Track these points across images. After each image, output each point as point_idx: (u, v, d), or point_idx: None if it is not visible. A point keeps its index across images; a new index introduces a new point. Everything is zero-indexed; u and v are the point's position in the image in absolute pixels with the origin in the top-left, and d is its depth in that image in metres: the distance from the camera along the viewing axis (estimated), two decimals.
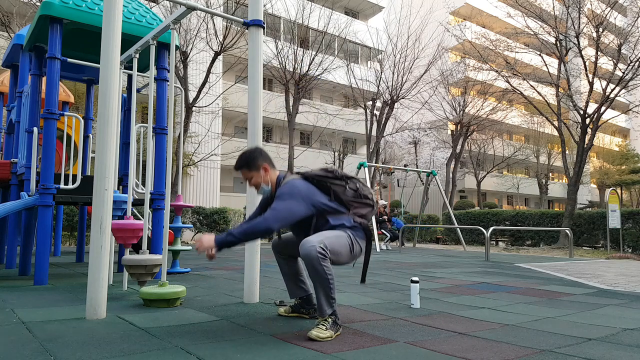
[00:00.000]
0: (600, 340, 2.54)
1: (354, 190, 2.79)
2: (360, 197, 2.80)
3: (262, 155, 2.83)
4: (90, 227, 2.91)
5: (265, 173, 2.80)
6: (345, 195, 2.75)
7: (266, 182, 2.81)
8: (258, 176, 2.80)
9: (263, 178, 2.80)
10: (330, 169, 2.81)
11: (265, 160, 2.81)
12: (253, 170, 2.80)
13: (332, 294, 2.51)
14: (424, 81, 21.36)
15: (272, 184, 2.82)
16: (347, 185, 2.78)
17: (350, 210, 2.75)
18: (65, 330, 2.51)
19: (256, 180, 2.80)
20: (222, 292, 4.04)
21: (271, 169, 2.83)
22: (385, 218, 12.71)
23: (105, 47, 2.96)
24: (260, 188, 2.82)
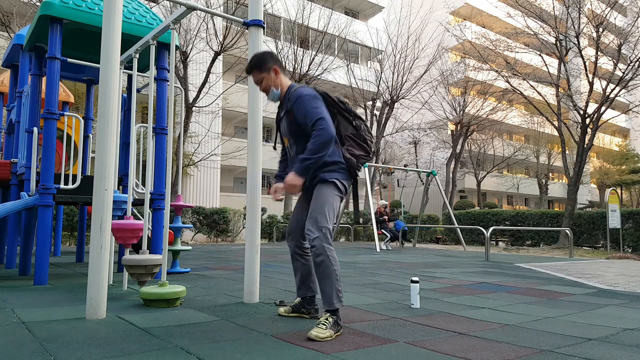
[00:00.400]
0: (600, 340, 2.54)
1: (355, 129, 2.78)
2: (359, 138, 2.79)
3: (273, 57, 2.81)
4: (90, 227, 2.91)
5: (276, 75, 2.78)
6: (345, 130, 2.76)
7: (276, 86, 2.79)
8: (269, 78, 2.78)
9: (273, 81, 2.78)
10: (342, 100, 2.81)
11: (277, 63, 2.79)
12: (264, 72, 2.77)
13: (338, 286, 2.55)
14: (424, 81, 21.38)
15: (283, 89, 2.80)
16: (353, 121, 2.78)
17: (344, 145, 2.75)
18: (65, 330, 2.51)
19: (267, 83, 2.79)
20: (222, 292, 4.04)
21: (282, 73, 2.81)
22: (386, 218, 12.70)
23: (105, 47, 2.96)
24: (270, 92, 2.80)
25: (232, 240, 15.34)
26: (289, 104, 2.74)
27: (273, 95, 2.80)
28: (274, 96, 2.81)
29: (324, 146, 2.54)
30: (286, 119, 2.79)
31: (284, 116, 2.82)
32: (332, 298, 2.53)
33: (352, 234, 17.30)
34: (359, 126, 2.79)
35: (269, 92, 2.80)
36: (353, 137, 2.77)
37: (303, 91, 2.67)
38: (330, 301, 2.53)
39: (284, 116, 2.82)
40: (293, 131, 2.77)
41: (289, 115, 2.76)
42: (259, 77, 2.78)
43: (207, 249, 10.51)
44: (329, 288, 2.53)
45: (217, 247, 11.99)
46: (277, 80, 2.78)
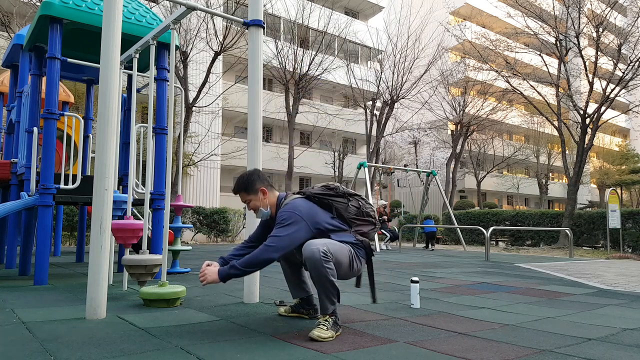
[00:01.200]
0: (600, 340, 2.54)
1: (356, 207, 2.78)
2: (363, 215, 2.79)
3: (260, 178, 2.81)
4: (90, 227, 2.91)
5: (264, 196, 2.79)
6: (347, 212, 2.75)
7: (264, 206, 2.79)
8: (256, 199, 2.78)
9: (261, 201, 2.79)
10: (332, 186, 2.80)
11: (263, 183, 2.79)
12: (251, 194, 2.78)
13: (333, 293, 2.52)
14: (424, 81, 21.37)
15: (272, 206, 2.81)
16: (349, 202, 2.77)
17: (352, 227, 2.75)
18: (65, 330, 2.51)
19: (254, 203, 2.79)
20: (222, 292, 4.04)
21: (270, 192, 2.81)
22: (385, 218, 12.71)
23: (105, 47, 2.96)
24: (258, 211, 2.81)
25: (232, 240, 15.34)
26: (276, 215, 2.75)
27: (262, 215, 2.82)
28: (263, 215, 2.82)
29: (261, 263, 2.53)
30: None
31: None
32: (325, 305, 2.51)
33: None
34: (358, 205, 2.80)
35: (258, 211, 2.82)
36: (357, 217, 2.77)
37: (285, 209, 2.65)
38: (325, 308, 2.52)
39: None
40: None
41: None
42: (247, 198, 2.80)
43: (207, 249, 10.51)
44: (322, 296, 2.52)
45: (217, 247, 11.99)
46: (265, 200, 2.79)
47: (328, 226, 2.67)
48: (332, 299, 2.51)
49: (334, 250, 2.52)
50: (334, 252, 2.52)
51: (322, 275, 2.46)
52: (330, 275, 2.47)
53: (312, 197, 2.74)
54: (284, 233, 2.55)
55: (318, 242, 2.50)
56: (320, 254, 2.44)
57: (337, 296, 2.54)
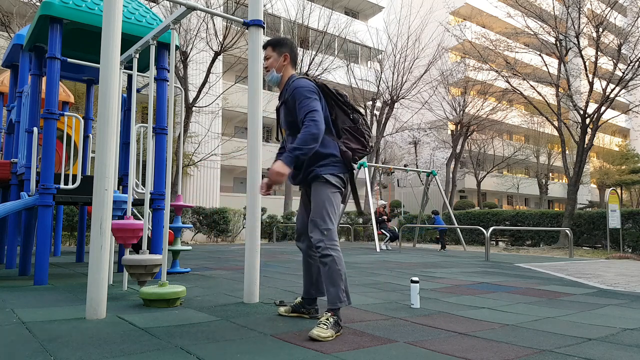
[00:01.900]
0: (600, 340, 2.54)
1: (353, 122, 2.79)
2: (357, 132, 2.79)
3: (291, 47, 2.89)
4: (90, 227, 2.91)
5: (284, 60, 2.84)
6: (343, 122, 2.77)
7: (279, 69, 2.85)
8: (276, 60, 2.85)
9: (279, 64, 2.84)
10: (342, 93, 2.82)
11: (291, 52, 2.87)
12: (275, 52, 2.85)
13: (343, 286, 2.57)
14: (424, 81, 21.36)
15: (284, 77, 2.85)
16: (351, 114, 2.79)
17: (340, 137, 2.76)
18: (65, 330, 2.51)
19: (272, 63, 2.85)
20: (222, 292, 4.04)
21: (290, 63, 2.87)
22: (385, 218, 12.71)
23: (105, 47, 2.96)
24: (270, 72, 2.86)
25: (232, 240, 15.34)
26: (287, 94, 2.78)
27: (271, 77, 2.87)
28: (272, 78, 2.87)
29: (314, 138, 2.55)
30: (283, 109, 2.83)
31: (281, 106, 2.86)
32: (335, 298, 2.54)
33: (352, 234, 17.29)
34: (357, 119, 2.80)
35: (269, 72, 2.87)
36: (350, 130, 2.77)
37: (300, 82, 2.71)
38: (334, 301, 2.54)
39: (281, 106, 2.86)
40: (289, 122, 2.80)
41: (286, 106, 2.79)
42: (269, 54, 2.87)
43: (207, 249, 10.51)
44: (333, 288, 2.54)
45: (217, 247, 11.99)
46: (282, 65, 2.85)
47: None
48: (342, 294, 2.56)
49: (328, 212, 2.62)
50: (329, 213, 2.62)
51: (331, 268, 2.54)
52: (338, 264, 2.55)
53: (322, 87, 2.77)
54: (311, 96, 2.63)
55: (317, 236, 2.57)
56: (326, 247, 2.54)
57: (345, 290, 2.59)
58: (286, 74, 2.86)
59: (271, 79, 2.86)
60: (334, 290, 2.54)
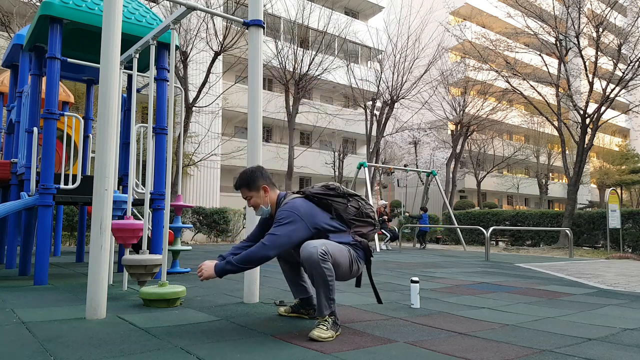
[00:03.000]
0: (600, 340, 2.54)
1: (355, 208, 2.77)
2: (362, 216, 2.77)
3: (263, 175, 2.82)
4: (90, 227, 2.91)
5: (265, 194, 2.80)
6: (346, 213, 2.74)
7: (265, 203, 2.80)
8: (257, 197, 2.79)
9: (262, 199, 2.79)
10: (332, 186, 2.79)
11: (265, 181, 2.80)
12: (253, 190, 2.79)
13: (331, 295, 2.51)
14: (424, 81, 21.35)
15: (272, 205, 2.81)
16: (348, 203, 2.76)
17: (351, 228, 2.74)
18: (65, 330, 2.51)
19: (255, 200, 2.80)
20: (222, 292, 4.04)
21: (271, 190, 2.81)
22: (385, 218, 12.71)
23: (105, 47, 2.96)
24: (259, 209, 2.81)
25: (232, 240, 15.33)
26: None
27: (262, 212, 2.82)
28: (263, 213, 2.82)
29: (257, 260, 2.54)
30: None
31: None
32: (321, 307, 2.51)
33: None
34: (357, 205, 2.78)
35: (258, 209, 2.82)
36: (356, 217, 2.76)
37: (284, 207, 2.66)
38: (321, 311, 2.51)
39: None
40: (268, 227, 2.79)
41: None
42: (248, 195, 2.81)
43: (207, 249, 10.51)
44: (320, 296, 2.52)
45: (217, 247, 11.99)
46: (266, 198, 2.80)
47: (327, 227, 2.66)
48: (330, 300, 2.51)
49: (332, 251, 2.51)
50: (332, 252, 2.51)
51: (321, 275, 2.46)
52: (328, 276, 2.46)
53: (311, 197, 2.74)
54: (282, 232, 2.55)
55: (316, 243, 2.50)
56: (318, 254, 2.44)
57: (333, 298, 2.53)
58: (273, 200, 2.81)
59: (263, 214, 2.83)
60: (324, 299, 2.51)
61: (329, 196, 2.75)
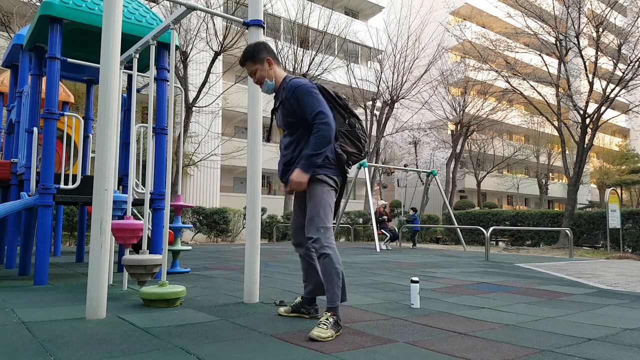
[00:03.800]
0: (600, 340, 2.54)
1: (350, 126, 2.77)
2: (353, 135, 2.77)
3: (267, 49, 2.80)
4: (90, 227, 2.91)
5: (270, 66, 2.77)
6: (340, 125, 2.74)
7: (270, 77, 2.78)
8: (262, 70, 2.77)
9: (267, 72, 2.77)
10: (341, 96, 2.79)
11: (270, 54, 2.79)
12: (257, 63, 2.76)
13: (340, 284, 2.57)
14: (424, 81, 21.37)
15: (277, 80, 2.79)
16: (348, 118, 2.76)
17: (337, 140, 2.73)
18: (65, 330, 2.51)
19: (260, 74, 2.78)
20: (222, 292, 4.04)
21: (276, 64, 2.80)
22: (385, 218, 12.70)
23: (105, 47, 2.96)
24: (264, 84, 2.79)
25: (232, 240, 15.34)
26: (284, 94, 2.72)
27: (267, 87, 2.80)
28: (268, 88, 2.80)
29: (327, 141, 2.54)
30: (281, 110, 2.78)
31: (279, 107, 2.81)
32: (333, 296, 2.55)
33: (352, 234, 17.30)
34: (354, 124, 2.78)
35: (263, 83, 2.80)
36: (347, 133, 2.76)
37: (300, 82, 2.66)
38: (333, 299, 2.55)
39: (279, 107, 2.81)
40: (287, 123, 2.76)
41: (284, 106, 2.74)
42: (253, 68, 2.78)
43: (207, 249, 10.51)
44: (330, 286, 2.55)
45: (217, 247, 11.99)
46: (270, 71, 2.78)
47: None
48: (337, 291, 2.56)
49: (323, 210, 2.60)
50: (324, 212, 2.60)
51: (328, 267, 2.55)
52: (336, 265, 2.55)
53: (321, 89, 2.73)
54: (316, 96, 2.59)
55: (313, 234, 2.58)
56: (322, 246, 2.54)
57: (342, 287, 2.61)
58: (278, 76, 2.80)
59: (268, 89, 2.81)
60: (332, 289, 2.56)
61: (335, 101, 2.75)
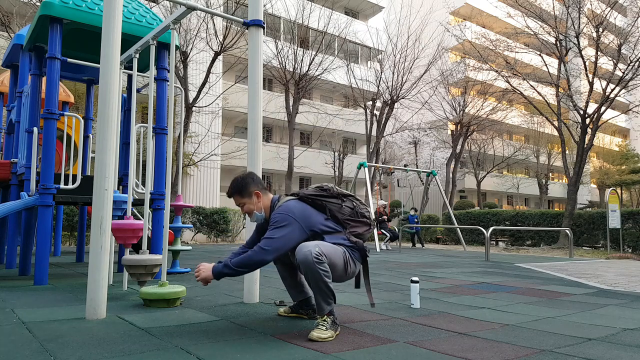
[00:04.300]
0: (600, 340, 2.54)
1: (350, 208, 2.76)
2: (357, 216, 2.77)
3: (254, 181, 2.82)
4: (90, 227, 2.91)
5: (258, 199, 2.80)
6: (341, 213, 2.73)
7: (259, 209, 2.80)
8: (250, 203, 2.79)
9: (255, 205, 2.80)
10: (325, 187, 2.79)
11: (257, 187, 2.80)
12: (245, 197, 2.79)
13: (329, 295, 2.51)
14: (424, 81, 21.36)
15: (266, 209, 2.82)
16: (343, 203, 2.76)
17: (346, 229, 2.73)
18: (65, 330, 2.51)
19: (248, 207, 2.80)
20: (222, 292, 4.04)
21: (264, 195, 2.81)
22: (385, 218, 12.70)
23: (105, 47, 2.96)
24: (252, 215, 2.81)
25: (232, 240, 15.34)
26: None
27: (256, 218, 2.83)
28: (258, 219, 2.83)
29: (254, 264, 2.56)
30: None
31: None
32: (321, 306, 2.52)
33: None
34: (351, 206, 2.78)
35: (252, 215, 2.83)
36: (351, 217, 2.75)
37: (279, 209, 2.66)
38: (321, 310, 2.52)
39: None
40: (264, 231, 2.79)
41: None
42: (241, 201, 2.81)
43: (207, 249, 10.51)
44: (317, 297, 2.52)
45: (217, 247, 11.99)
46: (259, 204, 2.80)
47: (322, 227, 2.66)
48: (328, 300, 2.51)
49: (327, 252, 2.52)
50: (327, 253, 2.51)
51: (317, 277, 2.46)
52: (325, 277, 2.46)
53: (305, 199, 2.74)
54: (278, 235, 2.56)
55: (311, 245, 2.50)
56: (313, 256, 2.44)
57: (332, 297, 2.54)
58: (267, 205, 2.82)
59: (257, 220, 2.84)
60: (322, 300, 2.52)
61: (322, 197, 2.74)
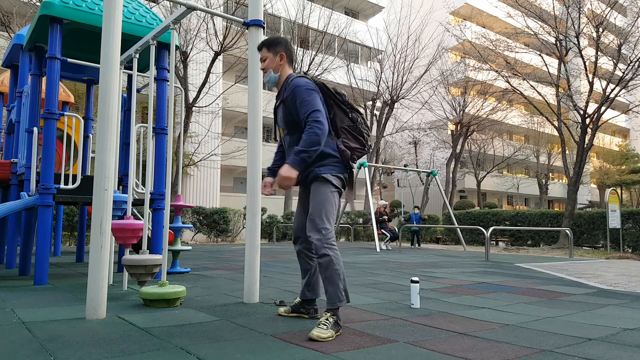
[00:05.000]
0: (600, 340, 2.54)
1: (352, 121, 2.78)
2: (355, 130, 2.78)
3: (287, 46, 2.87)
4: (90, 227, 2.91)
5: (281, 60, 2.83)
6: (341, 122, 2.76)
7: (276, 70, 2.83)
8: (272, 60, 2.83)
9: (276, 64, 2.83)
10: (341, 92, 2.81)
11: (287, 52, 2.85)
12: (271, 52, 2.83)
13: (342, 285, 2.56)
14: (424, 81, 21.37)
15: (282, 77, 2.84)
16: (349, 113, 2.78)
17: (339, 137, 2.74)
18: (65, 330, 2.51)
19: (268, 63, 2.83)
20: (222, 292, 4.04)
21: (287, 63, 2.85)
22: (385, 218, 12.70)
23: (105, 47, 2.96)
24: (267, 73, 2.84)
25: (232, 240, 15.34)
26: (285, 94, 2.76)
27: (269, 78, 2.85)
28: (270, 78, 2.85)
29: (318, 140, 2.55)
30: (282, 108, 2.81)
31: (279, 105, 2.84)
32: (334, 297, 2.55)
33: (352, 234, 17.30)
34: (356, 118, 2.79)
35: (267, 73, 2.85)
36: (349, 129, 2.76)
37: (299, 81, 2.70)
38: (333, 300, 2.55)
39: (279, 105, 2.84)
40: (288, 122, 2.78)
41: (284, 105, 2.77)
42: (265, 55, 2.85)
43: (207, 249, 10.51)
44: (331, 287, 2.54)
45: (217, 247, 11.99)
46: (279, 65, 2.83)
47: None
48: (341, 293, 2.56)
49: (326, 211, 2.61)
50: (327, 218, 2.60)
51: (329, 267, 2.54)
52: (336, 266, 2.54)
53: (321, 86, 2.76)
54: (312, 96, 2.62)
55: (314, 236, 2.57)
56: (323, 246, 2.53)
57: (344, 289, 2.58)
58: (284, 73, 2.84)
59: (269, 80, 2.85)
60: (333, 290, 2.55)
61: (335, 97, 2.76)
